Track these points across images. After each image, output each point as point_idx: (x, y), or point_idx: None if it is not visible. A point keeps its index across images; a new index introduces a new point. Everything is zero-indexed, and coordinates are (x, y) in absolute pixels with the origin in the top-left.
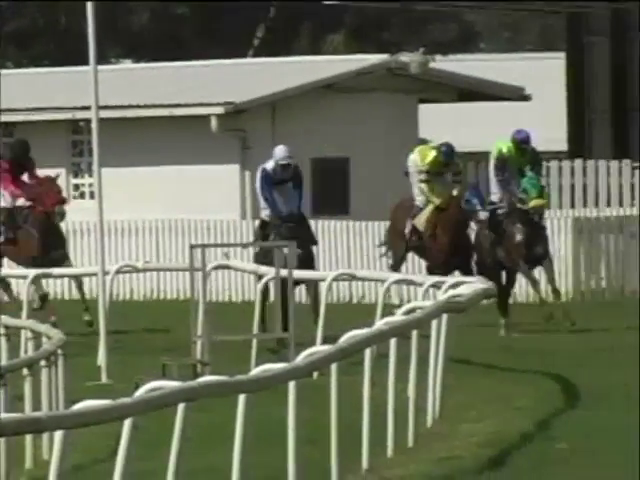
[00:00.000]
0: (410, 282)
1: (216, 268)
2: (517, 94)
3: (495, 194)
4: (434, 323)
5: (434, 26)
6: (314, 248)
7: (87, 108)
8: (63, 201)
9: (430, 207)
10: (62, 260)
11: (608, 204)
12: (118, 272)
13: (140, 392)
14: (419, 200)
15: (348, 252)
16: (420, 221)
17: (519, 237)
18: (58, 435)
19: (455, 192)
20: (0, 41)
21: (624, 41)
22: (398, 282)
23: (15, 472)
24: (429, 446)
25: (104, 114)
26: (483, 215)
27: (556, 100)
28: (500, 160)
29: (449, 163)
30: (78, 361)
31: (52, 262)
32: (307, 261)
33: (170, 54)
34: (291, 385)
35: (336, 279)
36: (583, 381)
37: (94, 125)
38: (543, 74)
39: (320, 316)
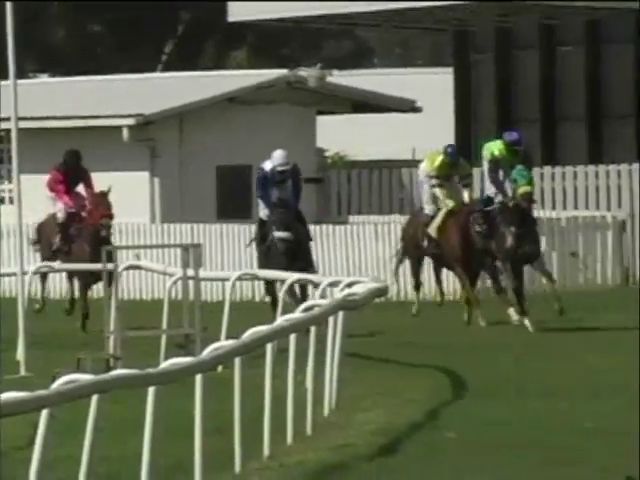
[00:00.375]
0: (309, 282)
1: (127, 268)
2: (408, 106)
3: (490, 189)
4: (331, 320)
5: (330, 43)
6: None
7: (7, 119)
8: (111, 216)
9: (442, 212)
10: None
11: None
12: (36, 273)
13: (56, 384)
14: (428, 209)
15: (251, 253)
16: (433, 228)
17: (510, 241)
18: None
19: (466, 195)
20: None
21: (508, 57)
22: (298, 281)
23: None
24: (326, 434)
25: (24, 125)
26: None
27: (445, 112)
28: (493, 162)
29: (456, 164)
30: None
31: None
32: (298, 252)
33: (85, 69)
34: (198, 378)
35: (240, 278)
36: (472, 374)
37: (13, 135)
38: (433, 88)
39: (226, 313)
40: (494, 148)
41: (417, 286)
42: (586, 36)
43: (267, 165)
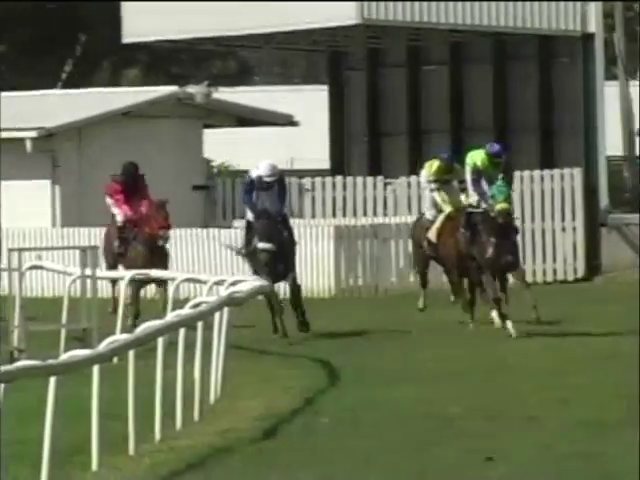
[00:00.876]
0: (197, 280)
1: (30, 268)
2: (287, 120)
3: (472, 196)
4: (217, 315)
5: (216, 62)
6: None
7: None
8: (168, 226)
9: (441, 217)
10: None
11: (364, 214)
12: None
13: None
14: (429, 214)
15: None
16: (432, 232)
17: (490, 251)
18: None
19: (463, 199)
20: None
21: (378, 75)
22: (187, 280)
23: None
24: (212, 420)
25: None
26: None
27: (320, 125)
28: (475, 172)
29: (452, 168)
30: None
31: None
32: (279, 258)
33: None
34: (95, 368)
35: (133, 279)
36: (344, 364)
37: None
38: (309, 103)
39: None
40: (477, 158)
41: (423, 284)
42: (450, 57)
43: (254, 172)
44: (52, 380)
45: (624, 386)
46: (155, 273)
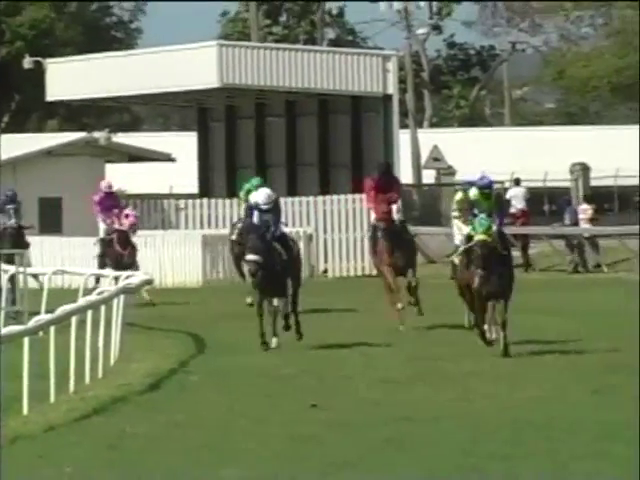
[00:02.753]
0: (101, 275)
1: None
2: (167, 157)
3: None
4: (115, 300)
5: (114, 115)
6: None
7: None
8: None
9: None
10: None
11: (224, 226)
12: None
13: None
14: (457, 239)
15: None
16: (455, 257)
17: (477, 282)
18: None
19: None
20: None
21: (235, 125)
22: (93, 274)
23: None
24: (112, 377)
25: None
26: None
27: (192, 162)
28: (462, 203)
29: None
30: None
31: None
32: (270, 272)
33: None
34: (25, 340)
35: (55, 273)
36: (212, 337)
37: None
38: (184, 145)
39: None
40: (469, 193)
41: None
42: (286, 111)
43: (253, 198)
44: None
45: (413, 352)
46: (70, 269)
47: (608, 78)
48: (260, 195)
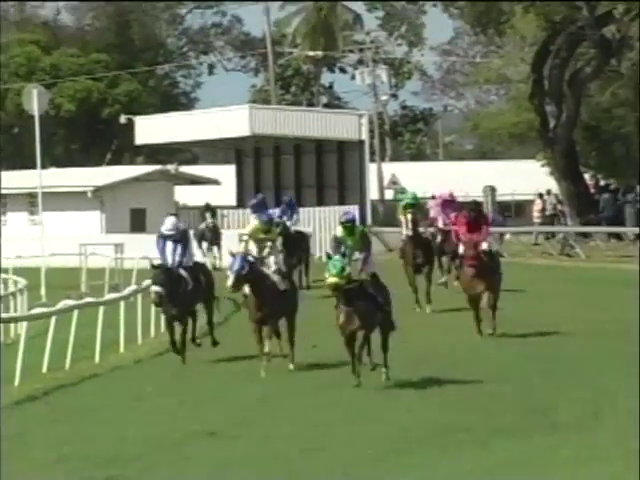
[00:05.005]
0: None
1: None
2: (214, 181)
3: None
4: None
5: (180, 154)
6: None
7: None
8: None
9: None
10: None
11: None
12: None
13: None
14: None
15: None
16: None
17: (341, 318)
18: None
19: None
20: None
21: (260, 161)
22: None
23: None
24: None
25: None
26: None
27: (232, 184)
28: (335, 241)
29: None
30: None
31: None
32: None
33: None
34: (122, 303)
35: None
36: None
37: None
38: (227, 173)
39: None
40: (338, 229)
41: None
42: (294, 151)
43: (162, 228)
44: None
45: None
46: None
47: (507, 129)
48: (166, 222)
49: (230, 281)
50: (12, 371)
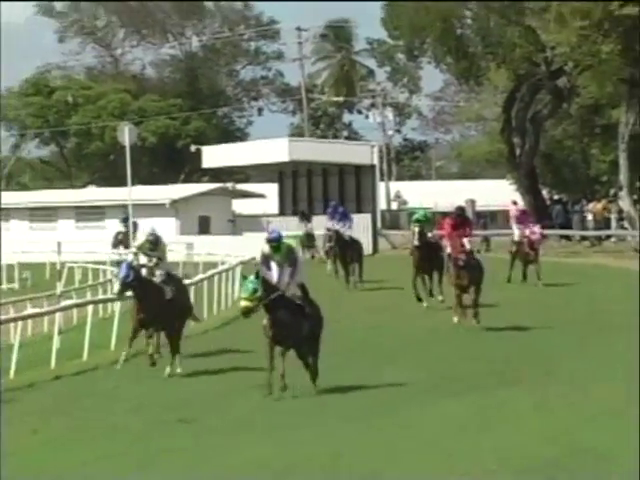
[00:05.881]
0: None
1: None
2: (261, 195)
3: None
4: (236, 266)
5: (235, 176)
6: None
7: None
8: None
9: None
10: None
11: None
12: None
13: None
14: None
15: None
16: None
17: (266, 326)
18: None
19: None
20: None
21: (297, 180)
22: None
23: None
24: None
25: None
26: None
27: (275, 199)
28: (262, 257)
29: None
30: None
31: None
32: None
33: None
34: (205, 282)
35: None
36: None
37: None
38: (271, 190)
39: None
40: (264, 246)
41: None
42: (322, 173)
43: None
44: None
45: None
46: None
47: (484, 156)
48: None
49: (116, 287)
50: (108, 339)
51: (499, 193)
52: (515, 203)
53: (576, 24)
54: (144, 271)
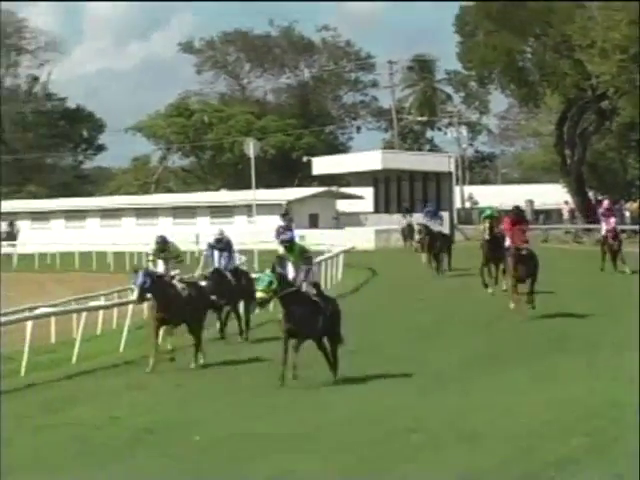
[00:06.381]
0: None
1: None
2: (360, 197)
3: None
4: (339, 253)
5: (339, 179)
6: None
7: None
8: None
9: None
10: None
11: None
12: None
13: None
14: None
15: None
16: None
17: (282, 320)
18: None
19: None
20: None
21: (389, 184)
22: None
23: None
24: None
25: None
26: None
27: (370, 201)
28: (277, 258)
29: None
30: None
31: None
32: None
33: None
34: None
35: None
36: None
37: None
38: (368, 193)
39: None
40: (280, 249)
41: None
42: (409, 177)
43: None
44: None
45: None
46: None
47: (540, 165)
48: (216, 231)
49: (135, 294)
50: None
51: (553, 195)
52: (567, 203)
53: (616, 57)
54: (176, 273)
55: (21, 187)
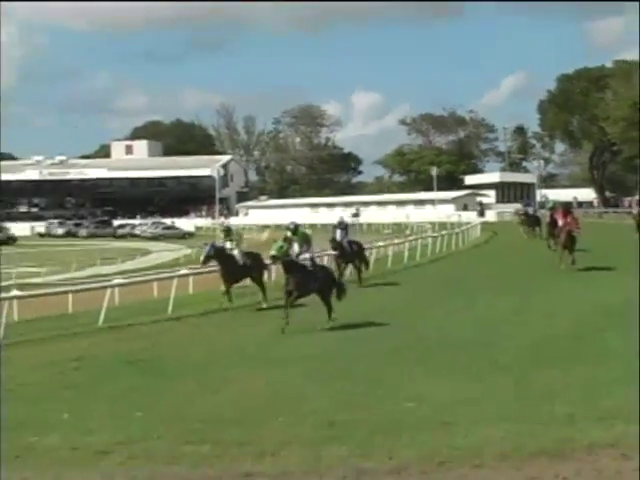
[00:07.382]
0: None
1: None
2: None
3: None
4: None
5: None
6: None
7: None
8: None
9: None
10: None
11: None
12: None
13: None
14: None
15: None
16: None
17: (286, 283)
18: None
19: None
20: None
21: None
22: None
23: None
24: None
25: None
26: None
27: None
28: (286, 238)
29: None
30: None
31: None
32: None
33: None
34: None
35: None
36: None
37: None
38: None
39: None
40: (288, 231)
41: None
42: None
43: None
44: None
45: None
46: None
47: (580, 179)
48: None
49: (201, 258)
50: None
51: (588, 194)
52: (576, 199)
53: (621, 124)
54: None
55: None
